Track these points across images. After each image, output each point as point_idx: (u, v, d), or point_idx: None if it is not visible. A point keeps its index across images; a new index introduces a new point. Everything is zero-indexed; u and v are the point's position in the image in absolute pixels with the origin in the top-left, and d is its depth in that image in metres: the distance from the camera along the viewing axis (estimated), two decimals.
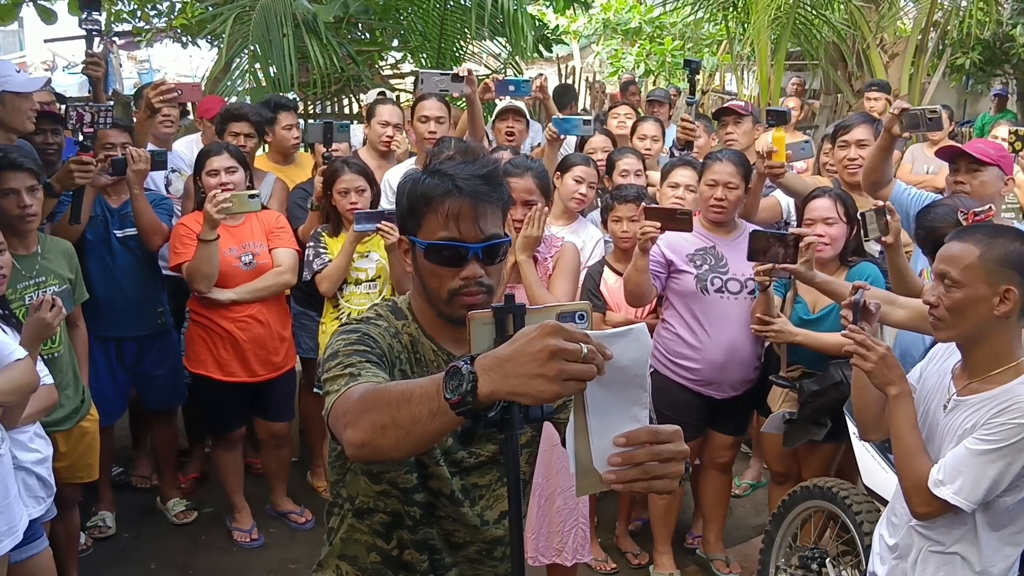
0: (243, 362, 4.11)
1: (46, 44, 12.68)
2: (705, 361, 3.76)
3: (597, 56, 16.05)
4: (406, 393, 1.41)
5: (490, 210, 1.70)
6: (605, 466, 1.31)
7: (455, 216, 1.67)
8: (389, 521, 1.83)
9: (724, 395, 3.83)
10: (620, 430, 1.31)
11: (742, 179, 3.75)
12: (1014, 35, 11.17)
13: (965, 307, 2.19)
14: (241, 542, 4.29)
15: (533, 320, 1.44)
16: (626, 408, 1.32)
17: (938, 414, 2.31)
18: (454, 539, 1.86)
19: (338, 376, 1.61)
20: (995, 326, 2.19)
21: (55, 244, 3.59)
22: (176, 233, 4.06)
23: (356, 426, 1.47)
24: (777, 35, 9.01)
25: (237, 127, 4.56)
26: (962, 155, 3.57)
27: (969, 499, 2.16)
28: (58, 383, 3.26)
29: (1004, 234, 2.25)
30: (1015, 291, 2.16)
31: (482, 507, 1.85)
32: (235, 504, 4.38)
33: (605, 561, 4.12)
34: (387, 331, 1.75)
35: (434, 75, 4.66)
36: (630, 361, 1.29)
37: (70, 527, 3.67)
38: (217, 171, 4.05)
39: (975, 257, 2.19)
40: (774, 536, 3.59)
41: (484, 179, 1.70)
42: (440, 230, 1.68)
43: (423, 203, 1.70)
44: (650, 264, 3.63)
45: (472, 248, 1.68)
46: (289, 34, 6.39)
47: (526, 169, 3.34)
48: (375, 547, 1.85)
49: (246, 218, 4.10)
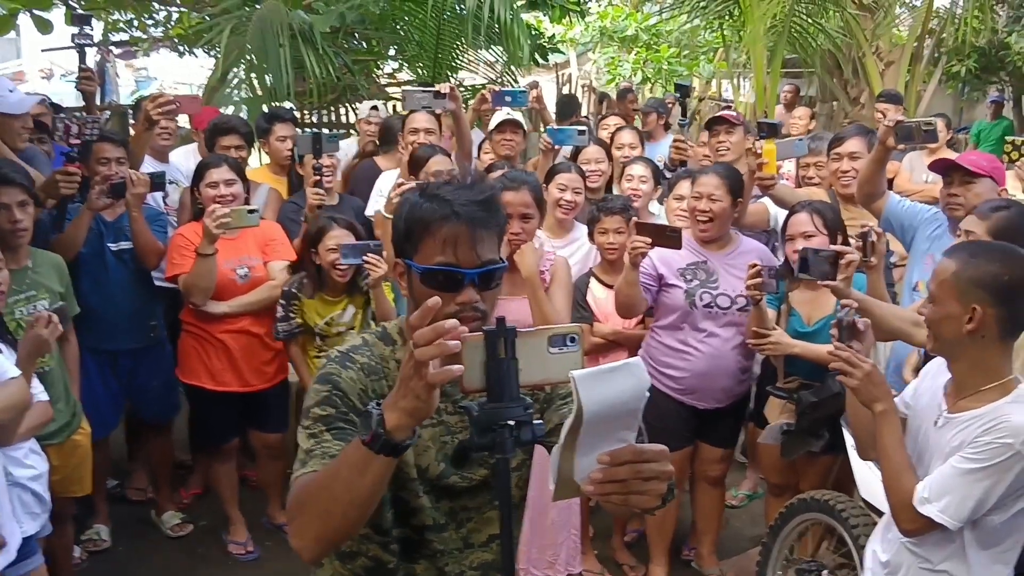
0: (236, 372, 4.12)
1: (44, 53, 12.67)
2: (689, 370, 3.76)
3: (594, 64, 16.06)
4: (332, 468, 1.54)
5: (487, 235, 1.70)
6: (586, 481, 1.34)
7: (452, 241, 1.67)
8: (371, 566, 1.82)
9: (708, 405, 3.82)
10: (605, 450, 1.33)
11: (728, 192, 3.74)
12: (1009, 43, 11.18)
13: (939, 322, 2.23)
14: (237, 555, 4.28)
15: (524, 343, 1.45)
16: (615, 432, 1.33)
17: (930, 431, 2.31)
18: (447, 574, 1.84)
19: (302, 450, 1.67)
20: (970, 343, 2.20)
21: (46, 258, 3.59)
22: (174, 243, 4.06)
23: (298, 534, 1.60)
24: (773, 43, 9.02)
25: (227, 140, 4.57)
26: (955, 167, 3.58)
27: (955, 517, 2.16)
28: (49, 397, 3.25)
29: (987, 252, 2.25)
30: (979, 310, 2.16)
31: (469, 529, 1.84)
32: (230, 516, 4.37)
33: (601, 573, 4.10)
34: (365, 368, 1.74)
35: (417, 92, 4.66)
36: (628, 396, 1.30)
37: (64, 541, 3.67)
38: (216, 183, 4.06)
39: (950, 274, 2.21)
40: (771, 548, 3.58)
41: (482, 205, 1.70)
42: (437, 255, 1.68)
43: (420, 227, 1.70)
44: (642, 277, 3.64)
45: (469, 274, 1.67)
46: (285, 44, 6.39)
47: (522, 183, 3.34)
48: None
49: (242, 230, 4.09)
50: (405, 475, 1.74)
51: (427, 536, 1.80)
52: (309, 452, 1.65)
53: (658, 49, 13.76)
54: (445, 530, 1.81)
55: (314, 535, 1.57)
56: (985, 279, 2.17)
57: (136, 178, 3.98)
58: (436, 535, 1.81)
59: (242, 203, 4.06)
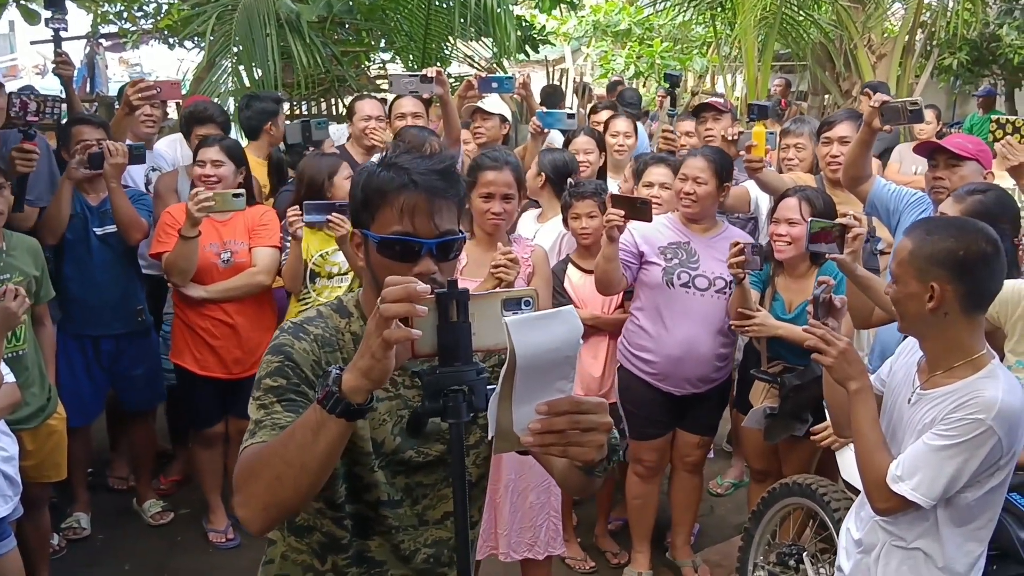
0: (218, 358, 4.08)
1: (33, 46, 12.60)
2: (662, 355, 3.73)
3: (587, 58, 16.04)
4: (286, 433, 1.51)
5: (445, 206, 1.67)
6: (525, 432, 1.34)
7: (410, 211, 1.64)
8: (325, 542, 1.78)
9: (683, 391, 3.79)
10: (543, 400, 1.33)
11: (714, 174, 3.72)
12: (1001, 35, 11.18)
13: (902, 301, 2.21)
14: (216, 542, 4.25)
15: (477, 306, 1.42)
16: (552, 382, 1.33)
17: (903, 407, 2.29)
18: (402, 551, 1.80)
19: (252, 421, 1.64)
20: (935, 321, 2.17)
21: (20, 241, 3.55)
22: (162, 221, 4.02)
23: (246, 504, 1.55)
24: (764, 36, 9.01)
25: (203, 130, 4.50)
26: (940, 150, 3.55)
27: (927, 495, 2.13)
28: (23, 381, 3.23)
29: (943, 229, 2.22)
30: (938, 288, 2.13)
31: (424, 506, 1.81)
32: (211, 504, 4.33)
33: (584, 560, 4.09)
34: (319, 339, 1.71)
35: (403, 77, 4.63)
36: (561, 342, 1.30)
37: (40, 527, 3.63)
38: (204, 162, 4.02)
39: (907, 253, 2.19)
40: (753, 533, 3.56)
41: (440, 174, 1.67)
42: (394, 224, 1.65)
43: (378, 196, 1.67)
44: (622, 254, 3.61)
45: (426, 244, 1.64)
46: (272, 34, 6.35)
47: (504, 163, 3.30)
48: (311, 568, 1.80)
49: (233, 213, 4.05)
50: (359, 449, 1.71)
51: (382, 512, 1.77)
52: (259, 423, 1.61)
53: (651, 43, 13.73)
54: (400, 506, 1.78)
55: (262, 504, 1.52)
56: (940, 255, 2.14)
57: (114, 148, 3.94)
58: (391, 511, 1.77)
59: (231, 186, 4.01)
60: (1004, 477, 2.17)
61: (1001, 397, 2.08)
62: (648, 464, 3.91)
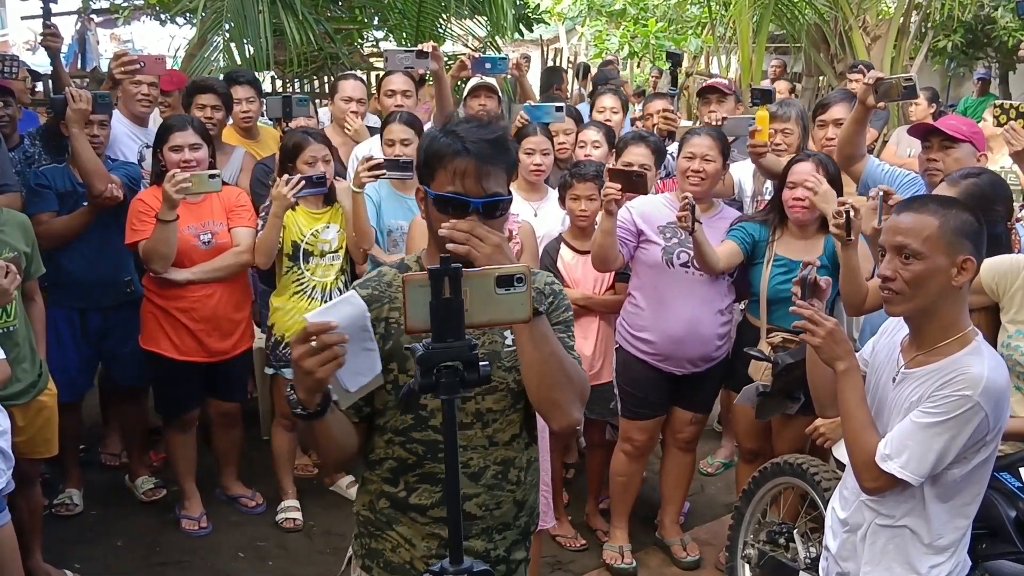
0: (199, 342, 4.03)
1: (23, 21, 12.47)
2: (663, 334, 3.74)
3: (581, 38, 15.96)
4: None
5: (494, 171, 1.89)
6: (355, 384, 1.75)
7: (461, 174, 1.87)
8: (396, 467, 2.00)
9: (684, 371, 3.80)
10: (358, 359, 1.72)
11: (720, 153, 3.75)
12: (996, 18, 11.16)
13: (925, 279, 2.15)
14: (189, 530, 4.18)
15: (470, 283, 1.46)
16: (361, 344, 1.72)
17: (887, 387, 2.29)
18: (470, 468, 1.97)
19: None
20: (949, 297, 2.17)
21: (11, 217, 3.51)
22: (134, 209, 3.95)
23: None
24: (759, 16, 8.98)
25: (204, 99, 4.48)
26: (935, 132, 3.55)
27: (916, 473, 2.14)
28: (14, 357, 3.21)
29: (954, 204, 2.23)
30: (972, 261, 2.14)
31: (494, 429, 1.99)
32: (185, 490, 4.25)
33: (575, 538, 4.13)
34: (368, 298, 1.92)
35: (399, 52, 4.61)
36: (353, 318, 1.69)
37: (32, 504, 3.62)
38: (180, 147, 3.92)
39: (935, 228, 2.15)
40: (743, 512, 3.59)
41: (491, 143, 1.89)
42: (447, 185, 1.89)
43: (435, 159, 1.91)
44: (619, 231, 3.62)
45: (474, 202, 1.86)
46: (265, 10, 6.30)
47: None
48: (384, 493, 2.02)
49: (206, 195, 4.01)
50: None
51: None
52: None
53: (646, 23, 13.67)
54: (471, 428, 1.97)
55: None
56: (967, 228, 2.15)
57: (77, 95, 3.88)
58: (460, 432, 1.87)
59: (206, 168, 3.97)
60: (989, 453, 2.19)
61: (987, 374, 2.09)
62: (637, 444, 3.92)
